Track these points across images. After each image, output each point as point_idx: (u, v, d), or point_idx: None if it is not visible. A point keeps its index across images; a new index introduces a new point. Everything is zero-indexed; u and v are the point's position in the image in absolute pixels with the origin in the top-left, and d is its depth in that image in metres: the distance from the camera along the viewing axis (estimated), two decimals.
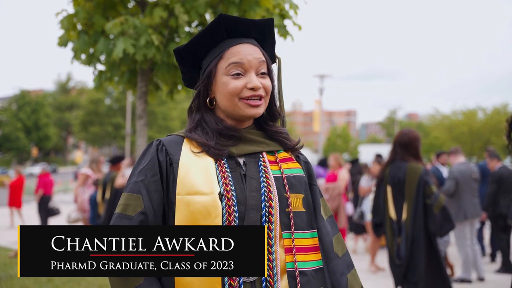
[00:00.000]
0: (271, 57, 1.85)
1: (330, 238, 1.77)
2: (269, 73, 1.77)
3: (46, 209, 12.71)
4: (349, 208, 10.23)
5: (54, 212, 12.91)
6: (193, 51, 1.78)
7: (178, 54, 1.81)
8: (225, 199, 1.62)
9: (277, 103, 1.84)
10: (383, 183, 5.22)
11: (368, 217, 8.61)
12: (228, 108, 1.72)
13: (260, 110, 1.73)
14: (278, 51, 1.88)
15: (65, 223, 9.79)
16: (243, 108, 1.70)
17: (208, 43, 1.75)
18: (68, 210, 12.92)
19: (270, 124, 1.82)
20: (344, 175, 10.57)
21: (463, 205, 7.64)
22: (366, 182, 8.83)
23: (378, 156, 10.23)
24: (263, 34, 1.80)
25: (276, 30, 5.83)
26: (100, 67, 6.04)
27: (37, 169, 50.96)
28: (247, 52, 1.71)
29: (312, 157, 36.07)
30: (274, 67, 1.86)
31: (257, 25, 1.78)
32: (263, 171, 1.71)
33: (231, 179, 1.66)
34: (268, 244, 1.63)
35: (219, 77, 1.72)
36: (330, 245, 1.76)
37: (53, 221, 13.55)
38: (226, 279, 1.57)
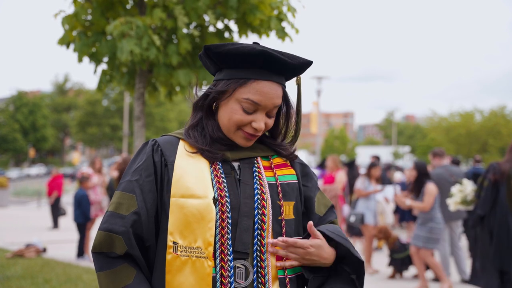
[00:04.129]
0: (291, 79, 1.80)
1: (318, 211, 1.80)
2: (278, 112, 1.78)
3: (58, 209, 12.93)
4: (345, 210, 10.23)
5: (62, 212, 13.16)
6: (221, 58, 1.70)
7: (207, 50, 1.71)
8: (219, 204, 1.62)
9: (289, 127, 1.82)
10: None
11: (367, 219, 8.57)
12: (224, 129, 1.72)
13: (252, 143, 1.74)
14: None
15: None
16: (238, 138, 1.71)
17: (240, 63, 1.69)
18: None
19: (268, 136, 1.82)
20: (341, 177, 10.60)
21: (441, 209, 7.42)
22: (362, 184, 8.74)
23: (375, 158, 10.24)
24: (295, 74, 1.77)
25: (274, 33, 5.83)
26: (101, 67, 6.05)
27: (34, 170, 50.84)
28: (269, 95, 1.67)
29: (309, 159, 36.06)
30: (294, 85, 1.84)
31: (295, 67, 1.72)
32: (257, 177, 1.71)
33: (225, 184, 1.66)
34: (260, 251, 1.64)
35: (232, 100, 1.68)
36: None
37: (61, 221, 13.59)
38: (218, 283, 1.58)
